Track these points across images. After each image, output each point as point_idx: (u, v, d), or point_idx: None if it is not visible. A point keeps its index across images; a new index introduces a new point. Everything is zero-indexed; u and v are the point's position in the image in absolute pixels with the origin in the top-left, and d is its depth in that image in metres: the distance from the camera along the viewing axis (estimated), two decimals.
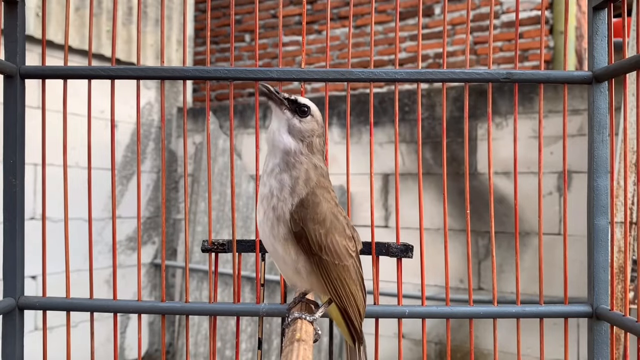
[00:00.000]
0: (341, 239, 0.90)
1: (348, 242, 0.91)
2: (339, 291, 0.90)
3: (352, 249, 0.92)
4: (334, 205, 0.91)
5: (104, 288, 3.36)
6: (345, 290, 0.91)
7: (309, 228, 0.86)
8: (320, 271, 0.89)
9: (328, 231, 0.88)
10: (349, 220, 0.94)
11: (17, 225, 1.13)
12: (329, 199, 0.90)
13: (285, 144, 0.89)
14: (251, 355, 3.50)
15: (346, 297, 0.91)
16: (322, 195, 0.88)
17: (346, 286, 0.90)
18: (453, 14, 4.26)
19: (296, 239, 0.87)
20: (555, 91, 2.94)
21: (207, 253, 1.16)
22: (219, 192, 3.86)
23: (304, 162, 0.89)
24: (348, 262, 0.91)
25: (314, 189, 0.88)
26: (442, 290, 3.01)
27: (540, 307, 1.14)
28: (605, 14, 1.13)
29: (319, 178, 0.89)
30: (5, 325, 1.13)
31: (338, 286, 0.90)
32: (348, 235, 0.92)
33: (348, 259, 0.91)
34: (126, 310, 1.16)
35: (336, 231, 0.89)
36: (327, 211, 0.88)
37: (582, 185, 1.24)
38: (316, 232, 0.86)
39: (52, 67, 1.15)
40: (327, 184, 0.92)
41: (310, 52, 4.80)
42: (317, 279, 0.90)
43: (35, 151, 1.28)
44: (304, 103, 0.91)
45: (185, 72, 1.15)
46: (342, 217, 0.91)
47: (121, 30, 3.80)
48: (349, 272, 0.91)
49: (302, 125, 0.90)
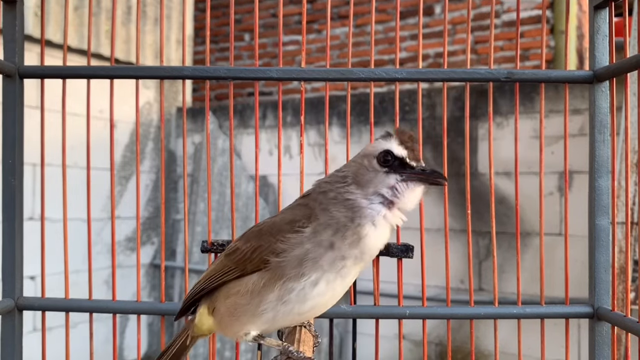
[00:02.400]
0: None
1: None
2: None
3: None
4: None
5: (103, 289, 3.35)
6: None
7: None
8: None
9: None
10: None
11: (15, 225, 1.12)
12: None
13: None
14: (250, 356, 3.49)
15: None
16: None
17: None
18: (454, 13, 4.25)
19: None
20: (556, 91, 2.93)
21: (206, 253, 1.15)
22: (219, 192, 3.85)
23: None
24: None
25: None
26: (442, 290, 3.00)
27: (541, 308, 1.14)
28: (606, 13, 1.13)
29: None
30: (4, 326, 1.12)
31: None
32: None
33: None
34: (125, 311, 1.15)
35: None
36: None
37: (583, 185, 1.24)
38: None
39: (51, 67, 1.14)
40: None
41: (310, 51, 4.80)
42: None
43: (34, 151, 1.28)
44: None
45: (185, 71, 1.14)
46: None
47: (120, 29, 3.80)
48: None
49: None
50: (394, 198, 0.80)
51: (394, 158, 0.80)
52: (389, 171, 0.80)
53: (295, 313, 0.80)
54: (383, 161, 0.80)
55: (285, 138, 3.62)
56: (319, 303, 0.80)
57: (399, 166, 0.80)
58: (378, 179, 0.80)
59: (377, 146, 0.82)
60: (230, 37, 1.14)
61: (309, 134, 3.62)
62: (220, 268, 0.86)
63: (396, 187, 0.80)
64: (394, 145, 0.81)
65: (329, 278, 0.78)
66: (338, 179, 0.83)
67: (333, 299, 0.82)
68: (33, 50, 2.96)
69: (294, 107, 3.69)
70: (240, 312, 0.82)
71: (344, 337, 3.48)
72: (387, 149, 0.80)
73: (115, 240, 1.16)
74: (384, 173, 0.80)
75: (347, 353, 3.45)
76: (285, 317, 0.81)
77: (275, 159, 1.16)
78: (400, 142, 0.81)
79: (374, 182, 0.80)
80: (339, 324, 3.45)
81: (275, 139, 3.72)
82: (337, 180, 0.83)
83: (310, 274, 0.77)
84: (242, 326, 0.83)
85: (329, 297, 0.81)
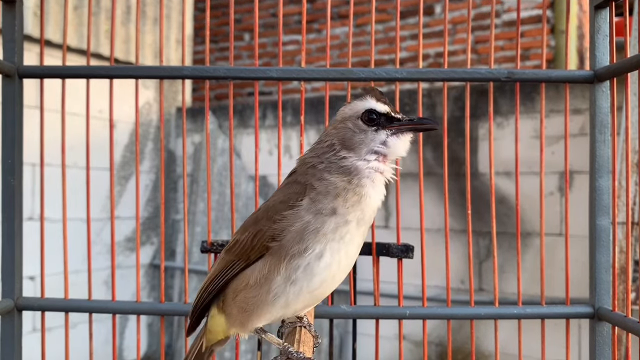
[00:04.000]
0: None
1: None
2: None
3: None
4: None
5: (103, 289, 3.35)
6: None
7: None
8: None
9: None
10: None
11: (15, 225, 1.12)
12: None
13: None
14: (250, 356, 3.49)
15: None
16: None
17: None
18: (454, 13, 4.25)
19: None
20: (556, 90, 2.93)
21: (206, 254, 1.15)
22: (218, 192, 3.85)
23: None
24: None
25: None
26: (443, 291, 3.00)
27: (541, 308, 1.14)
28: (606, 12, 1.13)
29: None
30: (3, 327, 1.12)
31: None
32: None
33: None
34: (125, 311, 1.15)
35: None
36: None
37: (583, 185, 1.24)
38: None
39: (51, 67, 1.14)
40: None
41: (310, 51, 4.80)
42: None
43: (33, 151, 1.27)
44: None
45: (184, 71, 1.14)
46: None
47: (120, 29, 3.79)
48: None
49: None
50: (387, 152, 0.82)
51: (379, 115, 0.82)
52: (377, 129, 0.82)
53: (305, 292, 0.79)
54: (368, 120, 0.82)
55: (285, 138, 3.62)
56: (327, 277, 0.80)
57: (386, 121, 0.82)
58: (369, 138, 0.81)
59: (355, 107, 0.83)
60: (230, 36, 1.14)
61: (309, 134, 3.62)
62: (224, 265, 0.85)
63: (387, 142, 0.82)
64: (374, 103, 0.82)
65: (333, 248, 0.78)
66: (324, 149, 0.83)
67: (340, 271, 0.82)
68: (32, 50, 2.96)
69: (294, 107, 3.68)
70: (253, 305, 0.81)
71: (344, 338, 3.48)
72: (369, 108, 0.82)
73: (115, 240, 1.15)
74: (374, 131, 0.82)
75: (347, 353, 3.45)
76: (296, 298, 0.80)
77: (275, 159, 1.16)
78: (377, 99, 0.82)
79: (365, 141, 0.81)
80: (339, 325, 3.45)
81: (275, 139, 3.72)
82: (324, 152, 0.83)
83: (314, 247, 0.77)
84: (259, 319, 0.82)
85: (335, 270, 0.80)
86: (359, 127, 0.82)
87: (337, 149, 0.82)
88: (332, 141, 0.83)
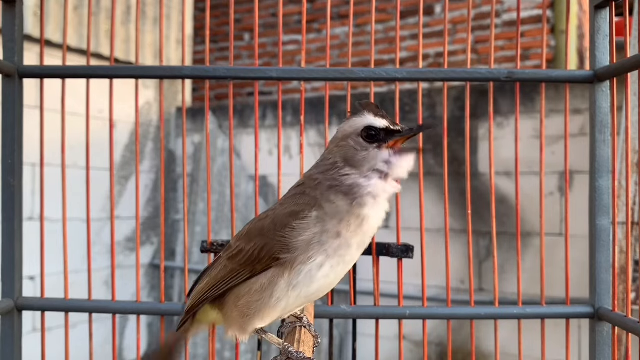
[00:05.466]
0: None
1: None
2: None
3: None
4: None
5: (103, 289, 3.35)
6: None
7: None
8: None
9: None
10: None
11: (15, 225, 1.12)
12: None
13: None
14: (250, 356, 3.49)
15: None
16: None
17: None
18: (454, 13, 4.25)
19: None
20: (556, 91, 2.93)
21: (206, 254, 1.15)
22: (218, 192, 3.85)
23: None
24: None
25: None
26: (443, 291, 3.00)
27: (541, 308, 1.14)
28: (606, 12, 1.13)
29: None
30: (3, 327, 1.12)
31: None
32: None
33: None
34: (125, 311, 1.15)
35: None
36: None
37: (583, 185, 1.24)
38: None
39: (51, 67, 1.14)
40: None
41: (310, 51, 4.80)
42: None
43: (33, 151, 1.27)
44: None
45: (184, 71, 1.14)
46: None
47: (120, 29, 3.79)
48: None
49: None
50: (390, 170, 0.82)
51: (378, 131, 0.82)
52: (379, 145, 0.82)
53: (303, 296, 0.81)
54: (367, 136, 0.82)
55: (285, 138, 3.62)
56: (324, 285, 0.82)
57: (386, 135, 0.82)
58: (371, 155, 0.81)
59: (354, 125, 0.83)
60: (230, 36, 1.14)
61: (309, 134, 3.62)
62: (227, 273, 0.85)
63: (391, 160, 0.81)
64: (372, 119, 0.82)
65: (332, 262, 0.80)
66: (328, 167, 0.83)
67: (336, 280, 0.84)
68: (32, 50, 2.96)
69: (294, 107, 3.68)
70: (254, 309, 0.82)
71: (344, 338, 3.47)
72: (367, 125, 0.82)
73: (115, 240, 1.15)
74: (375, 148, 0.82)
75: (347, 353, 3.44)
76: (295, 301, 0.82)
77: (275, 159, 1.16)
78: (374, 114, 0.82)
79: (367, 159, 0.81)
80: (339, 325, 3.44)
81: (275, 138, 3.72)
82: (327, 169, 0.83)
83: (316, 257, 0.79)
84: (258, 321, 0.83)
85: (332, 279, 0.83)
86: (361, 145, 0.82)
87: (341, 166, 0.82)
88: (335, 159, 0.83)
